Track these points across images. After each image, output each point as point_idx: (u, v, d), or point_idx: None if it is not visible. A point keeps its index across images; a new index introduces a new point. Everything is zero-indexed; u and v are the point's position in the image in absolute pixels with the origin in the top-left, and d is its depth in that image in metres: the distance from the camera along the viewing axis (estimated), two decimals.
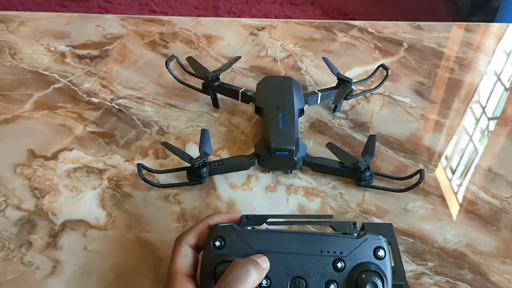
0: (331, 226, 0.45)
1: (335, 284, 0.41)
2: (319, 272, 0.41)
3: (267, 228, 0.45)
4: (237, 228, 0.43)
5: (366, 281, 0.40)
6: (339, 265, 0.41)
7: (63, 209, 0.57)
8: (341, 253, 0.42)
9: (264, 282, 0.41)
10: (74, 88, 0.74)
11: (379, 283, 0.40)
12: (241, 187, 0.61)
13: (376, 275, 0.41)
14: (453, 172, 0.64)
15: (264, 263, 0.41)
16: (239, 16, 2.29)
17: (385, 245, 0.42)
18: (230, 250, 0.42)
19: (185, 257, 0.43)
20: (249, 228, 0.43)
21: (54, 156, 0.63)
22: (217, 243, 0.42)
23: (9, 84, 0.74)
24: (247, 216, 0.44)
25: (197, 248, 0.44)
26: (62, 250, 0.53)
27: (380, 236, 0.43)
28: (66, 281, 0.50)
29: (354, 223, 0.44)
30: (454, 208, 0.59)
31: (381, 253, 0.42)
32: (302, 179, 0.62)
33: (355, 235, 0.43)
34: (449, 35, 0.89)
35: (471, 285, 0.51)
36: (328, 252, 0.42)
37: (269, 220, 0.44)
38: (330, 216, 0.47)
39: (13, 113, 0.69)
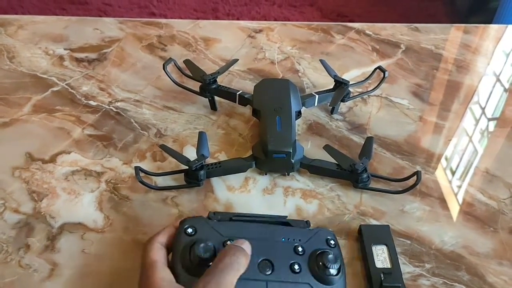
0: (288, 223, 0.51)
1: (298, 264, 0.45)
2: (282, 255, 0.46)
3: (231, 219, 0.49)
4: (206, 219, 0.48)
5: (325, 257, 0.45)
6: (299, 249, 0.46)
7: (61, 212, 0.57)
8: (299, 240, 0.47)
9: None
10: (72, 91, 0.74)
11: (337, 261, 0.45)
12: (239, 189, 0.61)
13: (332, 255, 0.45)
14: (450, 173, 0.64)
15: (248, 248, 0.43)
16: (238, 19, 2.29)
17: (334, 236, 0.49)
18: (202, 236, 0.45)
19: (159, 251, 0.44)
20: (216, 220, 0.48)
21: (52, 159, 0.63)
22: (189, 230, 0.45)
23: (7, 87, 0.74)
24: (214, 213, 0.49)
25: (166, 249, 0.45)
26: (60, 253, 0.53)
27: (329, 229, 0.53)
28: (64, 284, 0.50)
29: (307, 221, 0.52)
30: (451, 210, 0.59)
31: (332, 242, 0.48)
32: (300, 181, 0.62)
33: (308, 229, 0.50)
34: (446, 37, 0.89)
35: (468, 287, 0.51)
36: (288, 239, 0.47)
37: (234, 217, 0.49)
38: (285, 216, 0.52)
39: (11, 116, 0.69)
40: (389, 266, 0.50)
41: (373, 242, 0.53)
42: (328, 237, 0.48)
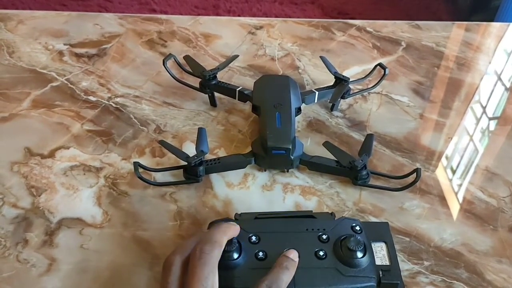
0: (312, 216, 0.51)
1: (323, 251, 0.46)
2: (307, 244, 0.47)
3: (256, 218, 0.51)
4: (232, 219, 0.50)
5: (349, 241, 0.46)
6: (324, 237, 0.47)
7: (59, 207, 0.57)
8: (324, 229, 0.48)
9: (261, 254, 0.46)
10: (72, 86, 0.74)
11: (362, 244, 0.46)
12: (238, 186, 0.61)
13: (356, 238, 0.46)
14: (450, 171, 0.64)
15: (296, 257, 0.45)
16: (239, 15, 2.29)
17: (359, 223, 0.49)
18: None
19: (216, 275, 0.42)
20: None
21: (51, 154, 0.63)
22: None
23: (7, 82, 0.74)
24: (240, 214, 0.52)
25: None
26: (58, 248, 0.53)
27: (355, 218, 0.52)
28: (61, 279, 0.50)
29: (332, 213, 0.52)
30: (451, 207, 0.59)
31: (357, 228, 0.49)
32: (299, 178, 0.62)
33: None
34: (447, 35, 0.89)
35: (467, 284, 0.51)
36: (312, 229, 0.48)
37: (258, 216, 0.51)
38: (310, 211, 0.53)
39: (11, 111, 0.69)
40: (387, 263, 0.50)
41: (372, 239, 0.52)
42: (353, 224, 0.49)
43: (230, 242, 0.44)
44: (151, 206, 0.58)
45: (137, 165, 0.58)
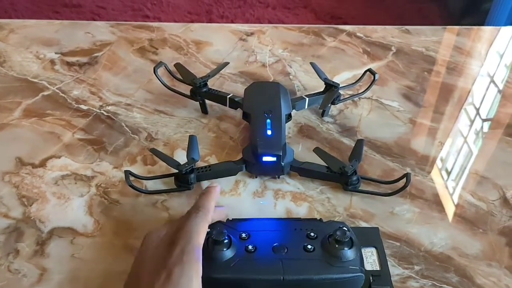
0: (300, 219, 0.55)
1: (312, 245, 0.47)
2: (296, 240, 0.48)
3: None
4: (223, 222, 0.52)
5: (336, 235, 0.46)
6: (312, 234, 0.48)
7: (50, 217, 0.57)
8: (312, 229, 0.49)
9: (250, 247, 0.47)
10: (63, 95, 0.74)
11: (349, 237, 0.46)
12: (229, 193, 0.61)
13: (343, 231, 0.47)
14: (440, 175, 0.64)
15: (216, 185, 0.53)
16: (232, 21, 2.29)
17: (346, 225, 0.49)
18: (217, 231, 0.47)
19: (204, 234, 0.46)
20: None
21: (42, 164, 0.63)
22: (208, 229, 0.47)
23: None
24: (231, 219, 0.53)
25: None
26: (49, 257, 0.53)
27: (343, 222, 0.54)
28: None
29: (320, 219, 0.54)
30: (441, 212, 0.59)
31: (344, 228, 0.48)
32: (290, 184, 0.62)
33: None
34: (437, 39, 0.90)
35: None
36: (301, 229, 0.50)
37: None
38: (299, 218, 0.57)
39: (2, 121, 0.69)
40: (378, 268, 0.51)
41: (362, 244, 0.53)
42: (341, 225, 0.49)
43: (221, 234, 0.46)
44: (142, 214, 0.58)
45: (128, 173, 0.58)
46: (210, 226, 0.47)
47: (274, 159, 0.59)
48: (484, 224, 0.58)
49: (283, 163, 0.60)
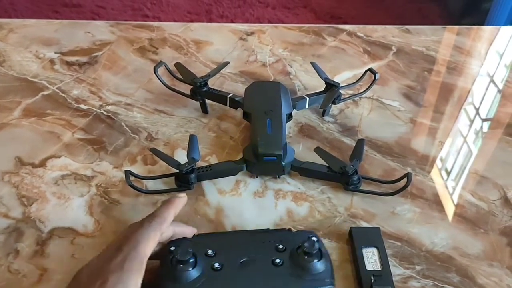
0: (268, 231, 0.53)
1: (280, 259, 0.46)
2: (264, 254, 0.47)
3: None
4: (188, 238, 0.50)
5: (305, 246, 0.45)
6: (280, 247, 0.47)
7: (50, 217, 0.57)
8: (280, 241, 0.48)
9: (217, 265, 0.46)
10: (63, 95, 0.74)
11: (317, 248, 0.46)
12: (230, 193, 0.61)
13: (312, 242, 0.46)
14: (441, 175, 0.64)
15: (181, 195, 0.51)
16: (232, 21, 2.29)
17: (315, 235, 0.48)
18: (182, 248, 0.46)
19: (153, 244, 0.44)
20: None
21: (42, 164, 0.63)
22: (172, 248, 0.46)
23: None
24: (198, 235, 0.51)
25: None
26: (49, 258, 0.53)
27: (312, 231, 0.52)
28: None
29: (289, 228, 0.53)
30: (442, 211, 0.59)
31: (314, 238, 0.47)
32: (291, 184, 0.62)
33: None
34: (437, 39, 0.90)
35: None
36: (269, 241, 0.48)
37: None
38: (267, 229, 0.55)
39: (1, 120, 0.69)
40: (379, 268, 0.51)
41: (364, 244, 0.53)
42: (310, 235, 0.48)
43: (185, 254, 0.44)
44: (143, 214, 0.57)
45: (128, 173, 0.58)
46: (174, 243, 0.47)
47: (274, 159, 0.59)
48: (485, 224, 0.58)
49: (283, 163, 0.60)
